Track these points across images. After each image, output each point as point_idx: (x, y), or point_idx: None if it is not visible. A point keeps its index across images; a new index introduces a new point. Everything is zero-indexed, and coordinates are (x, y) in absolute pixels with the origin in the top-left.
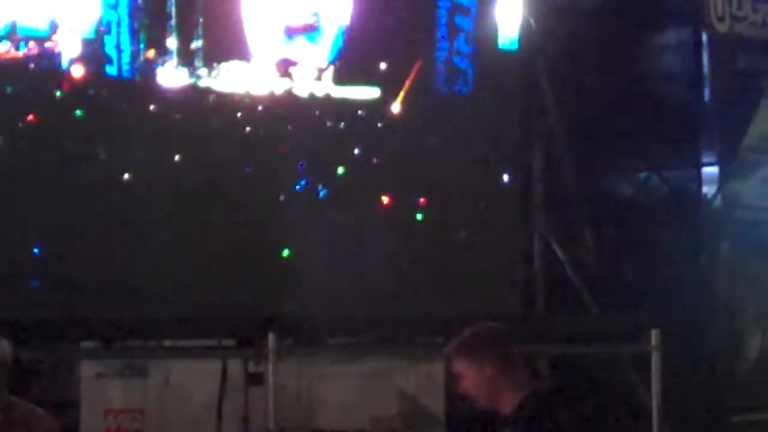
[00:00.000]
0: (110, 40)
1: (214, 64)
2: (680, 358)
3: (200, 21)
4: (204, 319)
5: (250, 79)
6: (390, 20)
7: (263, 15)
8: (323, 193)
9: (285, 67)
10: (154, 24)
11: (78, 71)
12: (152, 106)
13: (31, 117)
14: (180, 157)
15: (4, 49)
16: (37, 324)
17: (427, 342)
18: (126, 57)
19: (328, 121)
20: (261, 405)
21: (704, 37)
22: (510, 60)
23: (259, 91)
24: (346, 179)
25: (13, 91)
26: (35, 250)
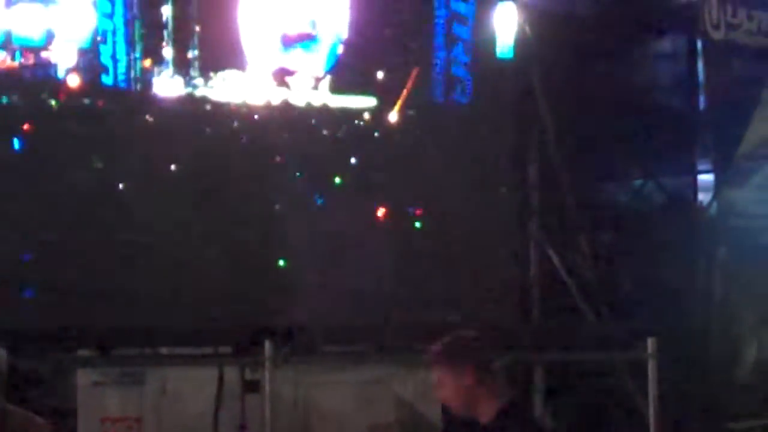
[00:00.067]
0: (106, 50)
1: (211, 73)
2: (677, 364)
3: (196, 30)
4: (200, 327)
5: (246, 88)
6: (387, 29)
7: (260, 24)
8: (320, 202)
9: (282, 77)
10: (150, 33)
11: (74, 81)
12: (148, 115)
13: (27, 126)
14: (176, 167)
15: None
16: (34, 332)
17: (425, 349)
18: (122, 66)
19: (325, 131)
20: (257, 413)
21: (699, 45)
22: (506, 68)
23: (256, 101)
24: (342, 188)
25: (9, 101)
26: (31, 258)
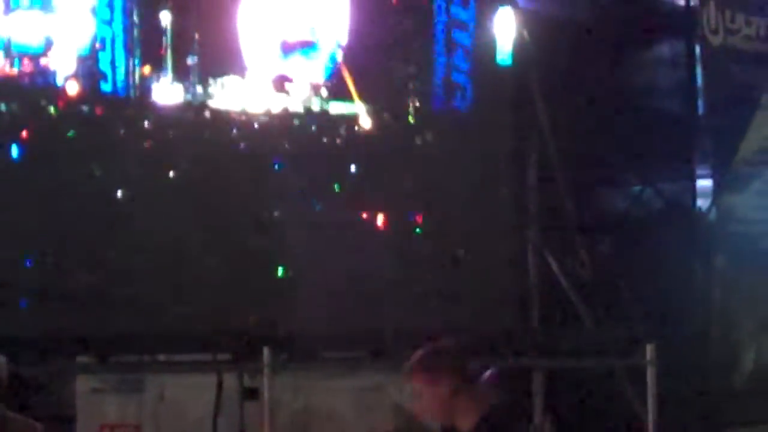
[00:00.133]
0: (105, 57)
1: (210, 80)
2: (676, 370)
3: (195, 37)
4: (199, 334)
5: (245, 95)
6: (387, 36)
7: (259, 31)
8: (319, 209)
9: (281, 83)
10: (149, 40)
11: (73, 88)
12: (147, 122)
13: (26, 134)
14: (175, 174)
15: None
16: (34, 339)
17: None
18: (121, 73)
19: (324, 138)
20: (256, 419)
21: (698, 50)
22: (506, 74)
23: (255, 108)
24: (342, 195)
25: (7, 108)
26: (31, 265)
